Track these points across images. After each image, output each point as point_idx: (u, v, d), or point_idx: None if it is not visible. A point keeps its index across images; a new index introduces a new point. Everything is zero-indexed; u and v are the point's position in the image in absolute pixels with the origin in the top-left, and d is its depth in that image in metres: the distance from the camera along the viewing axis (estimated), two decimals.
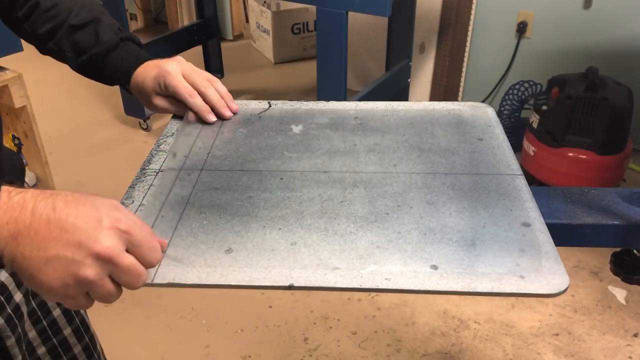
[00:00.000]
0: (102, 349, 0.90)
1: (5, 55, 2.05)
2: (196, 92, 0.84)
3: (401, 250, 0.62)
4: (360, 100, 1.36)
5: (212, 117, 0.85)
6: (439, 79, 2.94)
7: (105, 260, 0.50)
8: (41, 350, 0.77)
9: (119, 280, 0.52)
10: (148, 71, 0.84)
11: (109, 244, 0.49)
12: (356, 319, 1.86)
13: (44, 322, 0.77)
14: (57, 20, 0.84)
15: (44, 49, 0.87)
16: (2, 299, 0.68)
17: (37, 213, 0.49)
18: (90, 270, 0.49)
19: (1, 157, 0.72)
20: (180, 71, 0.83)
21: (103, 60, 0.85)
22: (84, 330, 0.83)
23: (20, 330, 0.71)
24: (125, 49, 0.86)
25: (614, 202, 0.81)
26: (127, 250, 0.52)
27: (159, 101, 0.84)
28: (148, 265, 0.54)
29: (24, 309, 0.73)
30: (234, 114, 0.88)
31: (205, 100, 0.85)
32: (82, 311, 0.84)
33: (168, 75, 0.82)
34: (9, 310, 0.69)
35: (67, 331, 0.80)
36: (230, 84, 3.33)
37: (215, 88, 0.86)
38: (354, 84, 3.20)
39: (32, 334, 0.75)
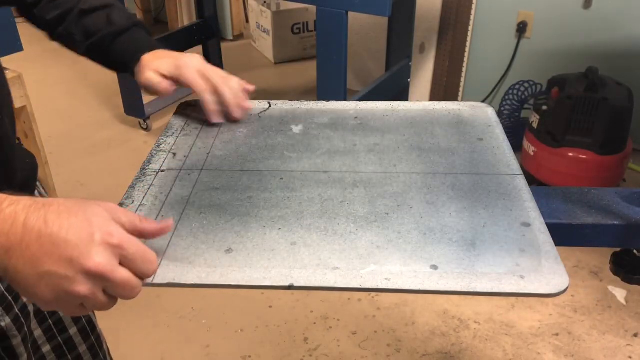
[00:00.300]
0: (108, 349, 0.90)
1: (5, 55, 2.05)
2: (210, 89, 0.83)
3: (401, 250, 0.62)
4: (360, 100, 1.36)
5: (216, 119, 0.85)
6: (439, 79, 2.94)
7: (97, 277, 0.49)
8: (46, 348, 0.77)
9: (113, 294, 0.52)
10: (160, 57, 0.84)
11: (100, 260, 0.49)
12: (356, 319, 1.86)
13: (49, 320, 0.77)
14: (67, 6, 0.84)
15: (53, 35, 0.87)
16: (10, 298, 0.68)
17: (29, 227, 0.48)
18: (82, 287, 0.49)
19: (14, 155, 0.72)
20: (197, 67, 0.83)
21: (112, 41, 0.84)
22: (90, 330, 0.83)
23: (26, 329, 0.71)
24: (136, 33, 0.86)
25: (614, 202, 0.81)
26: (121, 263, 0.51)
27: (154, 76, 0.83)
28: (143, 277, 0.53)
29: (31, 308, 0.73)
30: (246, 112, 0.88)
31: (220, 97, 0.85)
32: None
33: (185, 68, 0.82)
34: (16, 310, 0.69)
35: (73, 330, 0.80)
36: None
37: (229, 86, 0.85)
38: (354, 84, 3.20)
39: (37, 332, 0.76)
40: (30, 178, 0.78)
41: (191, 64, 0.83)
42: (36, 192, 0.79)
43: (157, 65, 0.83)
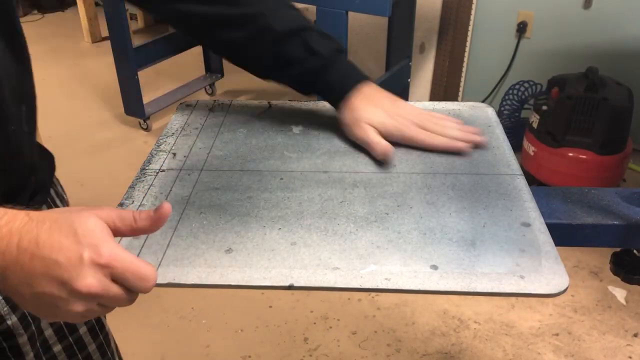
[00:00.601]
0: (116, 346, 0.90)
1: None
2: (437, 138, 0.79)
3: (401, 250, 0.62)
4: None
5: (461, 144, 0.79)
6: (439, 79, 2.94)
7: (89, 297, 0.50)
8: (57, 348, 0.77)
9: (108, 305, 0.52)
10: (370, 104, 0.79)
11: (90, 282, 0.49)
12: (356, 319, 1.86)
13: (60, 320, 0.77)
14: (253, 26, 0.78)
15: (235, 58, 0.83)
16: None
17: (22, 248, 0.49)
18: (76, 306, 0.50)
19: (33, 153, 0.71)
20: (413, 118, 0.79)
21: (316, 74, 0.80)
22: (98, 329, 0.83)
23: (34, 328, 0.71)
24: (339, 64, 0.81)
25: (614, 202, 0.81)
26: (113, 279, 0.51)
27: (372, 136, 0.78)
28: (137, 291, 0.53)
29: None
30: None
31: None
32: None
33: (403, 126, 0.79)
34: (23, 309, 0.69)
35: (83, 330, 0.80)
36: (230, 84, 3.33)
37: (447, 126, 0.80)
38: None
39: (48, 332, 0.76)
40: (46, 180, 0.77)
41: (407, 118, 0.79)
42: (52, 190, 0.79)
43: (371, 118, 0.78)
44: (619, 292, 1.94)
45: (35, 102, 0.74)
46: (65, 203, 0.83)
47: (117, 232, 0.53)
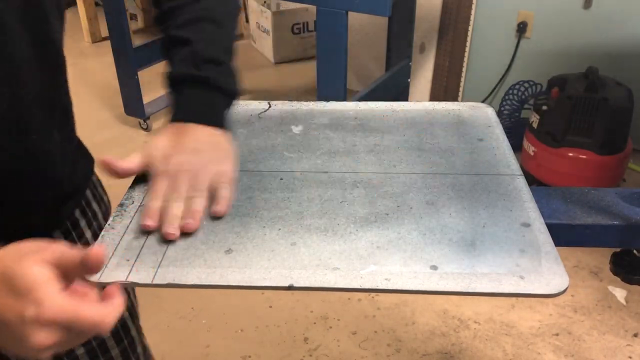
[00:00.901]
0: (145, 349, 0.89)
1: None
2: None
3: (401, 251, 0.62)
4: (360, 100, 1.36)
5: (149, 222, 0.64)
6: (439, 79, 2.94)
7: (47, 349, 0.49)
8: (79, 351, 0.76)
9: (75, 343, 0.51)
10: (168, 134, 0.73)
11: (40, 339, 0.48)
12: (356, 319, 1.86)
13: None
14: (165, 28, 0.77)
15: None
16: None
17: None
18: (40, 355, 0.49)
19: (66, 158, 0.71)
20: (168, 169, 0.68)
21: (167, 86, 0.77)
22: (123, 334, 0.82)
23: None
24: (180, 92, 0.77)
25: (614, 202, 0.81)
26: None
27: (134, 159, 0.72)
28: (94, 335, 0.51)
29: None
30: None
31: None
32: (124, 314, 0.83)
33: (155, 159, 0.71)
34: None
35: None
36: None
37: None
38: (354, 84, 3.19)
39: None
40: (81, 183, 0.77)
41: (182, 167, 0.67)
42: (88, 192, 0.78)
43: (154, 146, 0.73)
44: (619, 292, 1.94)
45: (70, 109, 0.73)
46: (104, 204, 0.82)
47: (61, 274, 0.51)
